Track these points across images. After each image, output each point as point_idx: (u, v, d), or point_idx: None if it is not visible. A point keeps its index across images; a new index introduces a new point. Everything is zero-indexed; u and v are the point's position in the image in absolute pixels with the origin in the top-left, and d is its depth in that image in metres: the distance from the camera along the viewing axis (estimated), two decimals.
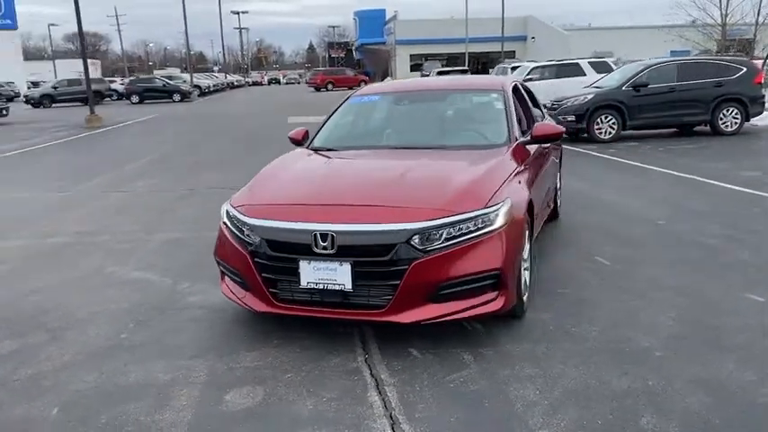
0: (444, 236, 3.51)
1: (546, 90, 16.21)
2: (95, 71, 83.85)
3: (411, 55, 57.05)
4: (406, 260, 3.47)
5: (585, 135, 13.46)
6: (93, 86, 39.37)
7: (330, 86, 49.86)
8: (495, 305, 3.66)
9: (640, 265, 5.13)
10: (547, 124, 4.84)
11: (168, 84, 41.46)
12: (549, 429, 2.86)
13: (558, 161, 6.44)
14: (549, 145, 5.43)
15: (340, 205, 3.73)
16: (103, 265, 5.64)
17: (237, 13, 75.33)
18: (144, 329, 4.17)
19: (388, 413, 3.04)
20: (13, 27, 52.82)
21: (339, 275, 3.54)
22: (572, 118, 13.56)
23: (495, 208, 3.66)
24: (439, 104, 5.40)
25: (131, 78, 50.49)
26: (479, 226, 3.59)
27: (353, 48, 77.19)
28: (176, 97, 39.73)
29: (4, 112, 27.73)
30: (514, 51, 55.77)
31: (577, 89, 14.78)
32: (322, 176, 4.34)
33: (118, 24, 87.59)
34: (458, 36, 51.33)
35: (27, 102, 40.00)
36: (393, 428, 2.92)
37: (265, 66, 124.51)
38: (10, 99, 45.72)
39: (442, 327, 3.87)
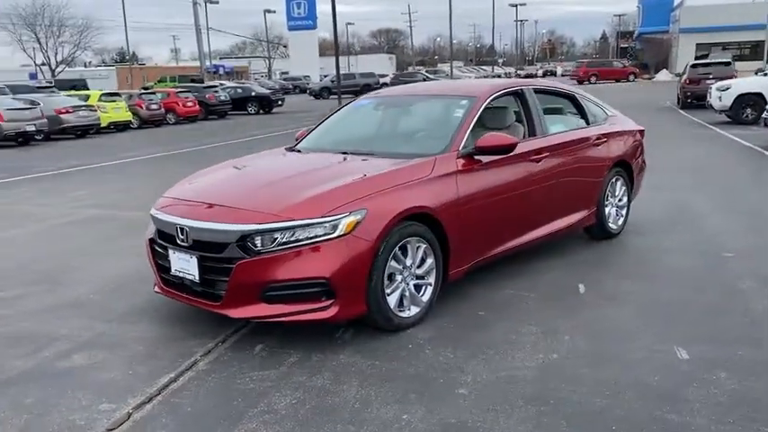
0: (279, 240, 3.67)
1: None
2: (391, 66, 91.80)
3: (698, 44, 51.27)
4: (234, 259, 3.71)
5: None
6: (363, 80, 44.05)
7: (594, 79, 47.43)
8: (328, 313, 3.71)
9: (611, 301, 4.48)
10: (494, 135, 4.44)
11: (427, 78, 43.76)
12: None
13: (601, 177, 5.71)
14: (544, 156, 4.99)
15: (204, 203, 4.07)
16: None
17: (515, 6, 75.35)
18: (112, 293, 5.01)
19: (155, 393, 3.37)
20: (313, 27, 60.53)
21: (191, 267, 3.92)
22: None
23: (332, 218, 3.67)
24: (406, 111, 5.38)
25: (396, 73, 54.47)
26: (317, 234, 3.66)
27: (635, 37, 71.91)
28: None
29: (280, 102, 32.38)
30: None
31: None
32: (228, 175, 4.69)
33: (410, 20, 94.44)
34: (756, 22, 44.66)
35: (309, 93, 45.70)
36: (142, 405, 3.25)
37: (550, 57, 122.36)
38: (303, 90, 52.75)
39: (315, 329, 4.01)
